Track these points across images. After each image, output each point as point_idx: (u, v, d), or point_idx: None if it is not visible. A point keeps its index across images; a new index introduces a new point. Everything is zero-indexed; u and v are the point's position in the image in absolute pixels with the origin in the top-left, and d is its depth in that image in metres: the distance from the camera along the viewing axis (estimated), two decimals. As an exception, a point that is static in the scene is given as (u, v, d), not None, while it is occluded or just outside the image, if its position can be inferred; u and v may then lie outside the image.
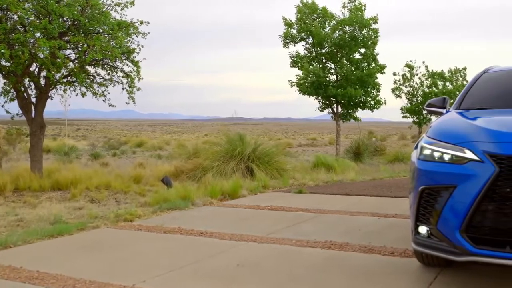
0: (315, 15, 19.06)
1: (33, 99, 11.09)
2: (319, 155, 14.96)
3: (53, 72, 10.17)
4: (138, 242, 5.63)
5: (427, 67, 29.92)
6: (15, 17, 10.15)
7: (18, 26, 10.15)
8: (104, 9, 10.82)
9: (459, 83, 29.06)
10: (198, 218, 7.03)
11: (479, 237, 3.39)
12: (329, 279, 4.19)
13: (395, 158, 18.38)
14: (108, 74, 11.54)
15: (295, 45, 19.43)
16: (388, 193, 9.17)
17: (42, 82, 10.99)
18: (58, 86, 11.38)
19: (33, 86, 11.16)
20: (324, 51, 19.01)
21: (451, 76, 29.58)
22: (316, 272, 4.38)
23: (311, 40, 18.92)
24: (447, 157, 3.62)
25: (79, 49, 10.39)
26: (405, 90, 29.91)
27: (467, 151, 3.51)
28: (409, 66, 29.95)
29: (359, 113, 19.44)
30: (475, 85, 5.20)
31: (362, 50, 18.83)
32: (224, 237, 5.75)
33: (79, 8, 10.21)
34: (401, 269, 4.42)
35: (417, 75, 29.86)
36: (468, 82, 5.53)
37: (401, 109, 29.91)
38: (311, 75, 18.31)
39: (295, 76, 19.15)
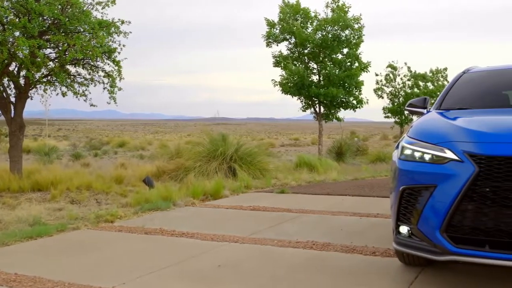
0: (298, 16, 19.08)
1: (13, 99, 10.92)
2: (301, 155, 15.00)
3: (32, 72, 10.02)
4: (119, 243, 5.57)
5: (410, 68, 30.24)
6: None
7: (-4, 25, 10.01)
8: (85, 8, 10.70)
9: (440, 83, 29.37)
10: (179, 218, 6.98)
11: (459, 237, 3.40)
12: (311, 279, 4.18)
13: (377, 158, 18.52)
14: (89, 74, 11.42)
15: (277, 45, 19.49)
16: (370, 192, 9.21)
17: (22, 81, 10.82)
18: (38, 86, 11.22)
19: (12, 85, 11.00)
20: (306, 51, 19.06)
21: (433, 76, 29.89)
22: (298, 272, 4.37)
23: (293, 40, 18.96)
24: (427, 157, 3.63)
25: (59, 48, 10.27)
26: (387, 90, 30.19)
27: (447, 151, 3.53)
28: (392, 67, 30.20)
29: (342, 113, 19.55)
30: (455, 85, 5.23)
31: (345, 50, 18.89)
32: (205, 237, 5.72)
33: (59, 6, 10.09)
34: (382, 268, 4.43)
35: (399, 75, 30.15)
36: (448, 82, 5.56)
37: (383, 109, 30.18)
38: (294, 76, 18.32)
39: (279, 76, 19.20)
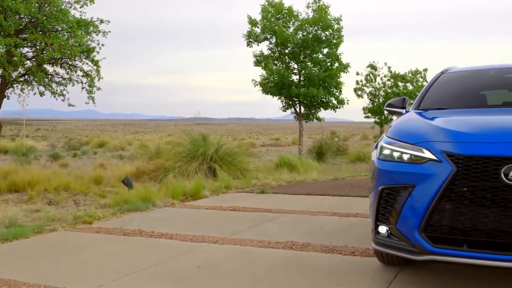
0: (280, 15, 19.09)
1: (-12, 98, 10.77)
2: (282, 155, 15.00)
3: (9, 71, 9.88)
4: (97, 245, 5.50)
5: (390, 68, 30.47)
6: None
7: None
8: (63, 7, 10.59)
9: (419, 84, 29.65)
10: (159, 219, 6.92)
11: (437, 236, 3.42)
12: (290, 279, 4.16)
13: (357, 157, 18.61)
14: (67, 73, 11.31)
15: (258, 45, 19.49)
16: (349, 192, 9.23)
17: (-2, 80, 10.68)
18: (15, 85, 11.07)
19: (-12, 85, 10.83)
20: (287, 51, 19.08)
21: (412, 77, 30.16)
22: (278, 273, 4.35)
23: (274, 40, 18.97)
24: (406, 157, 3.64)
25: (37, 47, 10.16)
26: (367, 90, 30.38)
27: (425, 151, 3.53)
28: (372, 67, 30.39)
29: (322, 113, 19.64)
30: (434, 85, 5.26)
31: (326, 51, 18.96)
32: (185, 238, 5.67)
33: (37, 5, 9.96)
34: (362, 268, 4.44)
35: (379, 75, 30.36)
36: (427, 82, 5.59)
37: (363, 109, 30.37)
38: (274, 76, 18.33)
39: (259, 76, 19.19)
